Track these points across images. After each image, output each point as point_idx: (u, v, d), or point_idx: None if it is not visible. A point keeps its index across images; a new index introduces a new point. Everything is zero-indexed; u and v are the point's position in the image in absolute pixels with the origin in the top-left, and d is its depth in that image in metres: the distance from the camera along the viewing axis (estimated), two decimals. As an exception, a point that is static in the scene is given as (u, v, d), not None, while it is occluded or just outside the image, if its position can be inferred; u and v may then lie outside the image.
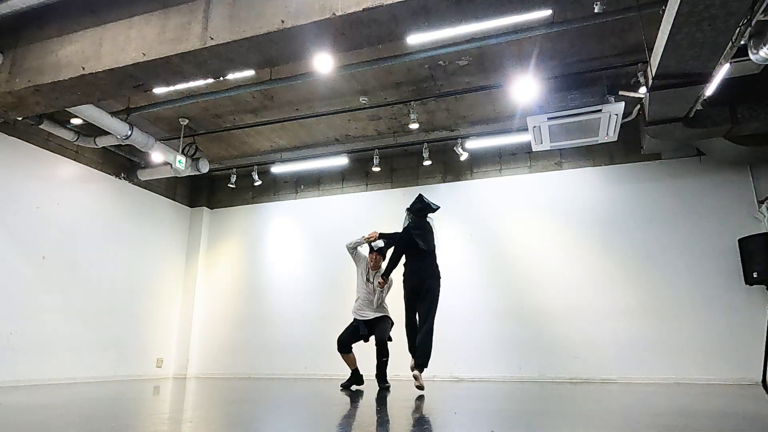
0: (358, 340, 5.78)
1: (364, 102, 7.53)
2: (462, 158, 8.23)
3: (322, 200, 9.68)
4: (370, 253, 5.87)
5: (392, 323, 5.84)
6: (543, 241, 8.09)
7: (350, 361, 5.78)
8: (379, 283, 5.58)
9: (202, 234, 10.32)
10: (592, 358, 7.36)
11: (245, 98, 7.44)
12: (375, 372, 5.65)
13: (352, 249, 5.93)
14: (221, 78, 5.48)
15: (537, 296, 7.89)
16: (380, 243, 5.75)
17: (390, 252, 5.71)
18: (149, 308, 9.23)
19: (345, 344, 5.73)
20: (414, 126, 7.69)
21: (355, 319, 5.84)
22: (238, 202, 10.43)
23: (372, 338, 5.75)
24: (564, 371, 7.44)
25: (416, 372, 4.93)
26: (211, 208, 10.63)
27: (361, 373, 5.90)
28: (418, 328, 5.22)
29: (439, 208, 5.68)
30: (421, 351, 4.97)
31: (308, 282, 9.31)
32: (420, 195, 5.70)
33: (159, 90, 6.91)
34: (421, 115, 7.85)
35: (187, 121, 8.12)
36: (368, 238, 5.85)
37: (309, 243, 9.51)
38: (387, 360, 5.58)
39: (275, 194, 10.17)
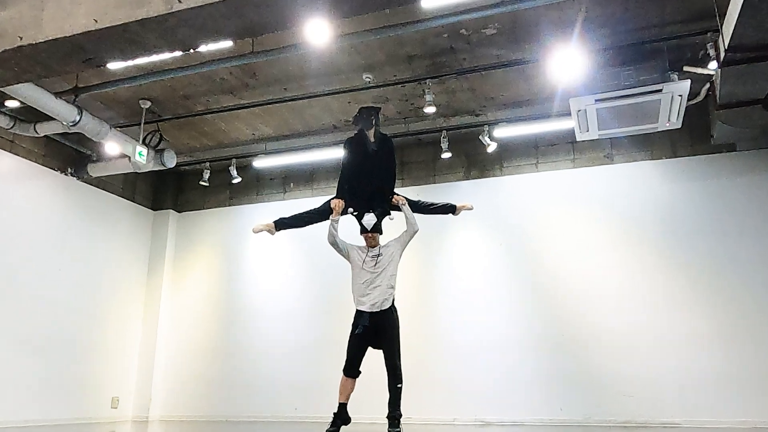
0: (367, 348, 5.75)
1: (368, 80, 7.52)
2: (489, 149, 8.25)
3: (317, 201, 9.57)
4: (362, 233, 5.87)
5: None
6: (589, 252, 8.07)
7: (347, 390, 5.75)
8: (396, 200, 5.89)
9: (168, 243, 10.33)
10: (650, 396, 7.35)
11: (221, 75, 7.42)
12: (387, 409, 5.56)
13: (334, 242, 5.91)
14: (192, 50, 5.45)
15: (582, 321, 7.86)
16: (371, 220, 5.77)
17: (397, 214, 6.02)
18: (102, 334, 9.21)
19: (356, 365, 5.69)
20: (430, 110, 7.63)
21: (355, 317, 5.78)
22: (213, 204, 10.45)
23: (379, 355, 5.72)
24: (615, 413, 7.43)
25: None
26: (179, 212, 10.64)
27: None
28: None
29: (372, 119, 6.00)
30: None
31: (300, 303, 9.32)
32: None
33: (115, 65, 6.89)
34: (438, 97, 7.80)
35: (149, 103, 8.10)
36: (335, 212, 5.87)
37: (301, 255, 9.51)
38: (401, 387, 5.57)
39: (258, 194, 10.17)
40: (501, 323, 8.18)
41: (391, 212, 6.00)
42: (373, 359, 5.70)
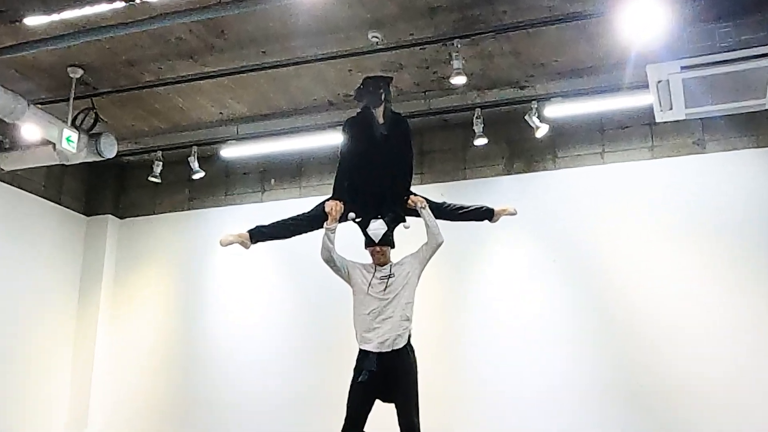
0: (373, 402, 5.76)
1: (375, 41, 7.52)
2: (539, 134, 8.27)
3: (306, 204, 9.57)
4: (367, 247, 5.88)
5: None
6: (674, 272, 8.05)
7: None
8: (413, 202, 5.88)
9: (107, 260, 10.40)
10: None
11: (178, 34, 7.42)
12: None
13: (330, 258, 5.91)
14: (137, 1, 5.47)
15: (666, 365, 7.84)
16: (380, 228, 5.77)
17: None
18: (18, 384, 9.22)
19: (359, 423, 5.67)
20: (459, 80, 7.61)
21: (358, 360, 5.78)
22: (167, 207, 10.53)
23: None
24: (713, 490, 7.44)
25: None
26: (122, 217, 10.71)
27: None
28: None
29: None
30: None
31: (284, 341, 9.36)
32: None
33: (34, 20, 6.92)
34: (470, 63, 7.80)
35: (81, 72, 8.12)
36: (332, 219, 5.84)
37: (285, 276, 9.59)
38: None
39: (228, 193, 10.24)
40: (556, 368, 8.16)
41: (407, 218, 6.00)
42: (382, 415, 5.68)
